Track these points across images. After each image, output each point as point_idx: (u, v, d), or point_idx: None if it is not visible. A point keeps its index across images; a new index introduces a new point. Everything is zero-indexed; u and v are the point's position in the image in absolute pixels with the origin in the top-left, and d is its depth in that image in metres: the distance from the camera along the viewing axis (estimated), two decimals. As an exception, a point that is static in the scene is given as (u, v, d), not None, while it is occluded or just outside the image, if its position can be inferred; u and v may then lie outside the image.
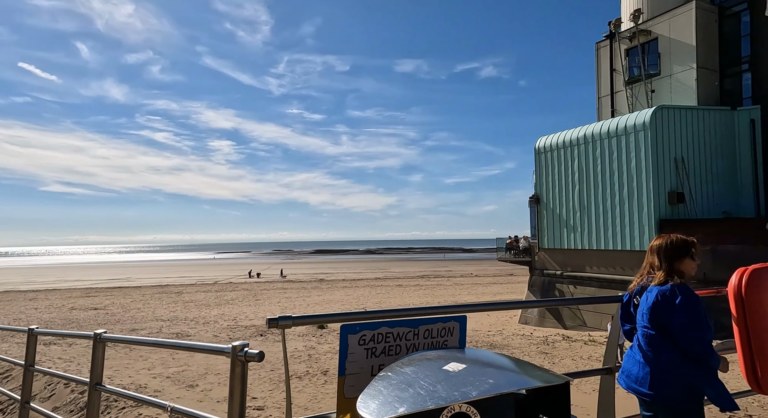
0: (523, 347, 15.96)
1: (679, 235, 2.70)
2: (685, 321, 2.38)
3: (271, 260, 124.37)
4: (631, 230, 19.05)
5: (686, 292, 2.46)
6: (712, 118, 19.79)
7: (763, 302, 2.70)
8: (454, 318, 2.42)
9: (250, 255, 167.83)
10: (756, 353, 2.66)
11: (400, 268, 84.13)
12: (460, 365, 1.61)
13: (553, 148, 22.79)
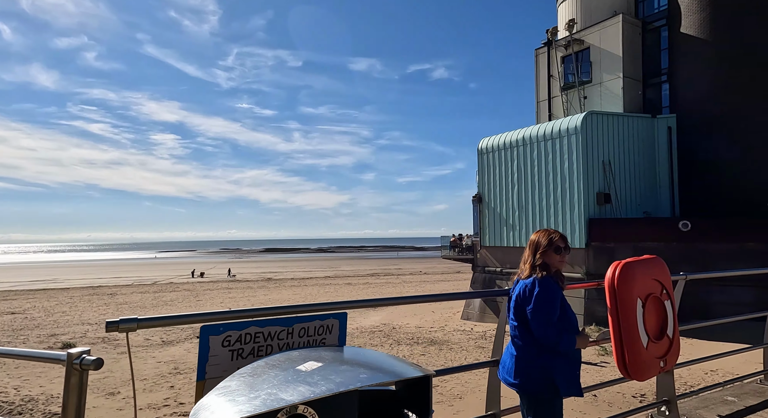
0: (462, 342, 16.47)
1: (547, 229, 2.78)
2: (535, 311, 2.48)
3: (218, 259, 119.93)
4: (563, 228, 20.12)
5: (543, 284, 2.52)
6: (635, 125, 21.32)
7: (632, 293, 2.87)
8: (333, 316, 2.37)
9: (195, 254, 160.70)
10: (625, 342, 2.85)
11: (350, 266, 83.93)
12: (317, 363, 1.58)
13: (494, 149, 23.60)
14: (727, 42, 20.20)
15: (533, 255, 2.65)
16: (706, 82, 20.78)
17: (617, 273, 2.90)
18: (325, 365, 1.57)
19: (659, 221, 19.15)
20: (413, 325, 20.45)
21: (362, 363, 1.76)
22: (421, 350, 14.77)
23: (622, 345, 2.87)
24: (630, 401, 9.64)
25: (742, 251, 17.57)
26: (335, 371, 1.55)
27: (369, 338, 16.86)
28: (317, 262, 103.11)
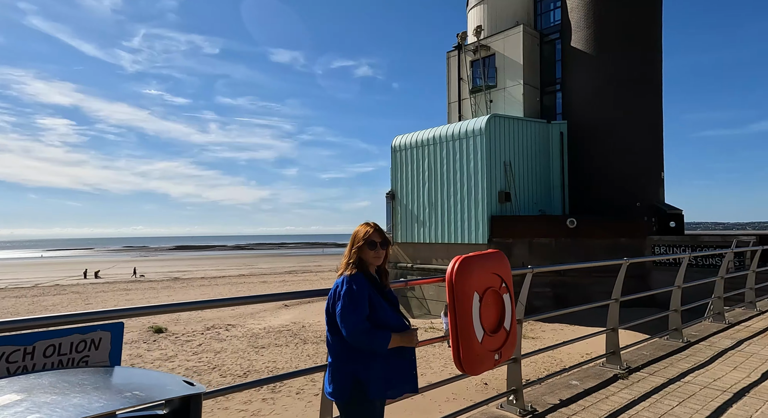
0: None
1: (367, 223, 2.57)
2: (342, 311, 2.32)
3: (119, 258, 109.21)
4: (468, 225, 21.16)
5: (351, 281, 2.37)
6: (532, 129, 23.03)
7: (468, 287, 2.88)
8: (102, 327, 1.97)
9: (92, 252, 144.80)
10: (460, 336, 2.87)
11: (268, 264, 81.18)
12: (19, 396, 1.27)
13: (407, 147, 24.08)
14: (605, 59, 22.55)
15: (349, 250, 2.49)
16: (588, 94, 23.07)
17: (455, 268, 2.91)
18: (25, 399, 1.27)
19: (551, 219, 20.89)
20: (315, 321, 20.20)
21: (108, 386, 1.50)
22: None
23: (458, 340, 2.90)
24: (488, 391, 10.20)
25: (617, 245, 19.79)
26: (36, 405, 1.26)
27: (275, 338, 16.31)
28: (233, 260, 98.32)
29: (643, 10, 22.70)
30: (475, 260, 3.02)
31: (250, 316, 23.98)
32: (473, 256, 3.05)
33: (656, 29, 23.40)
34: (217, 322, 20.60)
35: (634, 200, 21.57)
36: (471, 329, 2.89)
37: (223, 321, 20.85)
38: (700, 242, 18.16)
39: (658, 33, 23.46)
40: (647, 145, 22.44)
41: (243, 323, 20.41)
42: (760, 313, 7.84)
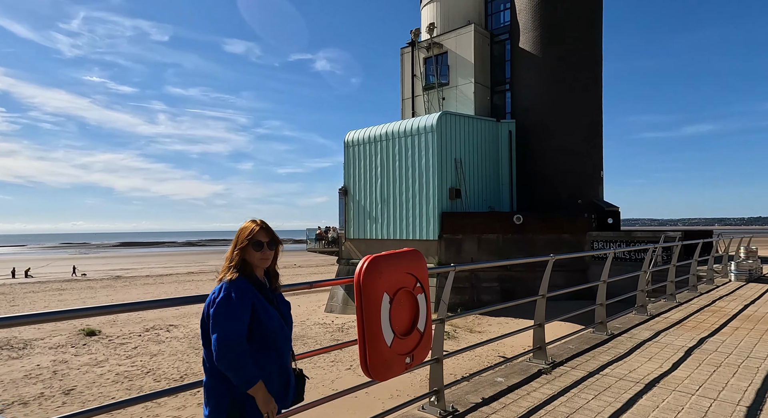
0: (319, 336, 16.33)
1: (253, 220, 2.27)
2: (212, 325, 2.04)
3: (55, 255, 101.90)
4: (420, 221, 21.31)
5: (229, 288, 2.08)
6: (483, 127, 23.49)
7: (376, 288, 2.70)
8: None
9: (24, 250, 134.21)
10: (368, 340, 2.69)
11: (221, 260, 78.31)
12: None
13: (360, 142, 23.88)
14: (550, 60, 23.37)
15: (231, 252, 2.18)
16: (534, 94, 23.85)
17: (363, 268, 2.72)
18: None
19: (498, 215, 21.43)
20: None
21: None
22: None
23: (365, 344, 2.76)
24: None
25: (560, 241, 20.61)
26: None
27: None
28: (183, 256, 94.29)
29: (585, 15, 23.66)
30: (386, 260, 2.88)
31: (195, 315, 23.00)
32: (384, 255, 2.92)
33: (597, 35, 24.49)
34: (159, 322, 19.59)
35: (576, 198, 22.56)
36: (379, 333, 2.75)
37: (165, 322, 19.85)
38: (634, 237, 19.25)
39: (599, 38, 24.55)
40: (588, 144, 23.50)
41: (187, 323, 19.52)
42: (679, 304, 8.34)
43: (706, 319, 7.11)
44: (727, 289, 10.36)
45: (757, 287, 10.83)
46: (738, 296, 9.39)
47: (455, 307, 19.60)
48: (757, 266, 12.54)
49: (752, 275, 11.98)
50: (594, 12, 24.06)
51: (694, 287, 9.76)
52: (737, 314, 7.43)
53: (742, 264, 12.05)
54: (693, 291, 9.67)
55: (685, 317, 7.27)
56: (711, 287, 10.55)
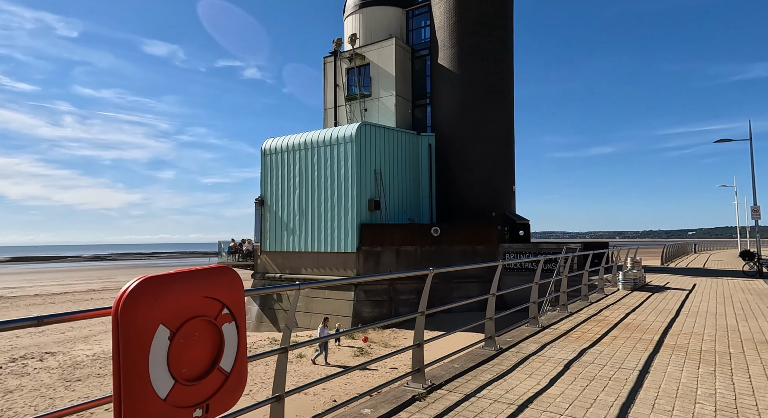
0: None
1: None
2: None
3: None
4: (338, 233, 20.80)
5: None
6: (403, 139, 23.69)
7: (146, 320, 2.06)
8: None
9: None
10: (123, 392, 2.00)
11: (130, 276, 71.72)
12: None
13: (278, 151, 22.95)
14: (465, 77, 24.30)
15: None
16: (451, 108, 24.63)
17: (126, 293, 2.02)
18: None
19: (416, 227, 21.58)
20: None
21: None
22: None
23: (120, 400, 2.01)
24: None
25: (474, 252, 21.18)
26: None
27: (100, 366, 13.72)
28: (88, 272, 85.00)
29: (498, 36, 24.93)
30: (168, 281, 2.15)
31: (82, 340, 20.37)
32: (166, 275, 2.17)
33: (509, 54, 25.92)
34: (33, 350, 16.98)
35: (490, 210, 23.44)
36: (144, 381, 2.04)
37: (41, 348, 17.26)
38: (541, 249, 20.30)
39: (510, 57, 26.00)
40: (500, 159, 24.62)
41: (68, 349, 17.13)
42: (569, 314, 8.62)
43: (591, 328, 7.34)
44: (615, 297, 11.03)
45: (640, 295, 11.67)
46: (622, 304, 9.97)
47: (373, 320, 19.24)
48: (641, 275, 13.60)
49: (636, 284, 12.95)
50: (506, 32, 25.43)
51: (586, 296, 10.24)
52: (618, 323, 7.78)
53: (628, 274, 12.99)
54: (584, 301, 10.12)
55: (572, 327, 7.44)
56: (601, 296, 11.17)
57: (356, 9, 27.34)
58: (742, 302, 10.67)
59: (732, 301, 10.79)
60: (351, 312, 19.44)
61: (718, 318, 8.42)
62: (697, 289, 13.25)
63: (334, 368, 13.59)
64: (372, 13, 26.71)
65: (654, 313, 8.87)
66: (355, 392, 11.33)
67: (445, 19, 24.65)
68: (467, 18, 24.15)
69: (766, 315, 8.79)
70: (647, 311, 9.03)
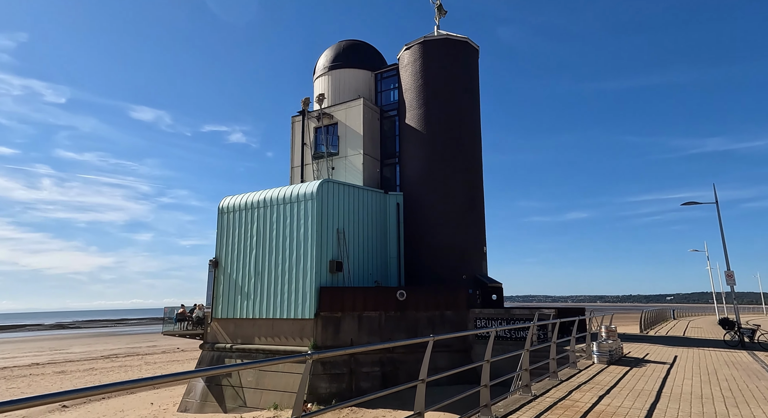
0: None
1: None
2: None
3: None
4: (296, 297, 19.15)
5: None
6: (369, 198, 22.93)
7: None
8: None
9: None
10: None
11: (86, 347, 66.17)
12: None
13: (236, 209, 21.79)
14: (431, 138, 24.27)
15: None
16: (418, 168, 24.28)
17: None
18: None
19: (380, 291, 20.12)
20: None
21: None
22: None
23: None
24: None
25: (442, 318, 19.65)
26: None
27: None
28: (41, 342, 78.20)
29: (464, 98, 25.35)
30: None
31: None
32: None
33: (476, 118, 26.26)
34: None
35: (460, 273, 22.26)
36: None
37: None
38: (513, 315, 18.96)
39: (477, 121, 26.31)
40: (469, 220, 23.92)
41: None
42: (561, 382, 7.44)
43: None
44: (588, 374, 9.66)
45: (617, 370, 10.33)
46: (596, 383, 8.61)
47: (330, 397, 17.07)
48: (617, 346, 12.33)
49: (612, 357, 11.64)
50: (473, 96, 25.92)
51: (555, 373, 8.86)
52: (589, 411, 6.41)
53: (603, 345, 11.70)
54: (553, 379, 8.73)
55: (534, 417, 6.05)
56: (573, 372, 9.79)
57: (325, 71, 27.82)
58: (728, 379, 9.43)
59: (717, 378, 9.54)
60: (305, 388, 17.26)
61: (705, 403, 7.13)
62: (678, 362, 11.99)
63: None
64: (341, 75, 27.17)
65: (631, 396, 7.53)
66: None
67: (412, 81, 25.11)
68: (434, 80, 24.64)
69: (758, 398, 7.55)
70: (623, 393, 7.69)
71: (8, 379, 34.94)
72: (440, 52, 25.03)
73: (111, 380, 32.46)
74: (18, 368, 42.09)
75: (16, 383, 31.94)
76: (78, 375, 35.46)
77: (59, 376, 35.60)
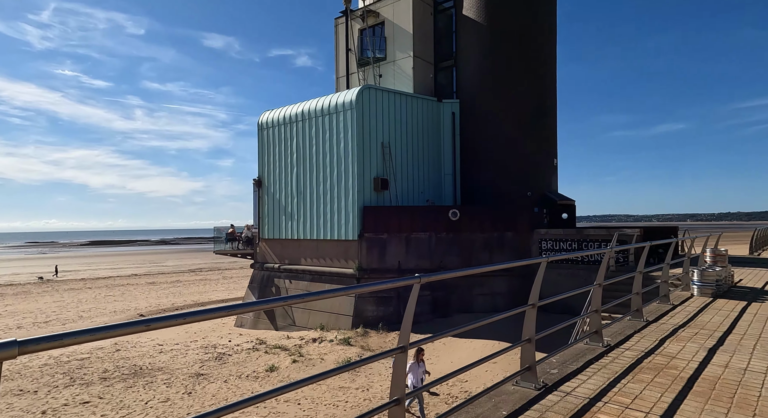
0: (182, 368, 12.69)
1: None
2: None
3: (10, 255, 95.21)
4: (338, 217, 17.86)
5: None
6: (419, 107, 20.11)
7: None
8: None
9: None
10: None
11: (179, 261, 74.14)
12: None
13: (275, 124, 20.26)
14: (495, 32, 20.06)
15: None
16: (478, 70, 20.57)
17: None
18: None
19: (430, 211, 18.14)
20: (153, 342, 15.98)
21: None
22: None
23: None
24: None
25: (502, 240, 17.44)
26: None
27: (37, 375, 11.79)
28: (143, 256, 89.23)
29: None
30: None
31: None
32: None
33: (549, 7, 21.32)
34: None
35: (525, 189, 19.41)
36: None
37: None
38: (585, 235, 16.18)
39: (551, 13, 21.39)
40: (539, 127, 20.38)
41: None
42: (646, 323, 5.52)
43: (641, 392, 3.80)
44: (686, 311, 7.18)
45: (728, 306, 7.70)
46: (700, 326, 6.18)
47: (376, 321, 16.24)
48: (727, 275, 9.49)
49: (720, 288, 8.90)
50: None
51: (639, 312, 6.52)
52: (695, 378, 4.15)
53: (708, 273, 8.94)
54: (636, 318, 6.43)
55: (601, 389, 3.93)
56: (665, 309, 7.37)
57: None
58: None
59: None
60: (352, 311, 16.54)
61: None
62: (818, 297, 8.95)
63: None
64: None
65: (762, 349, 5.09)
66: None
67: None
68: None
69: None
70: (747, 345, 5.25)
71: (109, 287, 39.66)
72: None
73: (190, 291, 35.45)
74: (119, 278, 47.77)
75: (113, 292, 36.01)
76: (164, 286, 39.21)
77: (149, 286, 39.67)
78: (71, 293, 35.98)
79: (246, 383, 10.74)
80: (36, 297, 33.16)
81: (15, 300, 31.58)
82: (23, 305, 29.38)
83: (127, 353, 13.89)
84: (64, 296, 33.63)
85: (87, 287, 40.05)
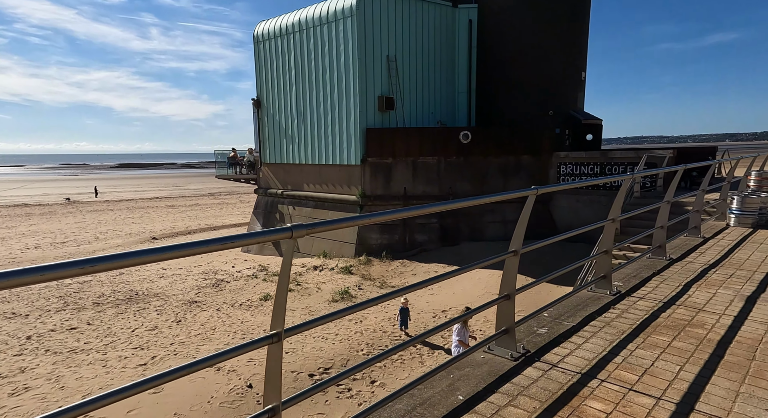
0: (179, 294, 12.59)
1: None
2: None
3: (40, 177, 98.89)
4: (340, 140, 16.64)
5: None
6: (431, 13, 17.67)
7: None
8: None
9: (22, 171, 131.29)
10: None
11: (201, 185, 75.44)
12: None
13: (272, 35, 18.34)
14: None
15: None
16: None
17: None
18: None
19: (439, 132, 16.64)
20: (157, 266, 16.01)
21: None
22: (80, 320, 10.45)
23: None
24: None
25: (518, 165, 16.06)
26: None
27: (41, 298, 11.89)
28: (167, 179, 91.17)
29: None
30: None
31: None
32: None
33: None
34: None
35: (548, 108, 17.48)
36: None
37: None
38: (610, 158, 14.62)
39: None
40: (567, 38, 17.81)
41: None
42: (670, 262, 4.56)
43: (654, 364, 2.86)
44: (719, 248, 6.04)
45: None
46: (735, 265, 5.08)
47: (380, 250, 15.71)
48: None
49: (763, 217, 7.62)
50: None
51: (660, 249, 5.43)
52: (727, 342, 3.17)
53: (750, 200, 7.61)
54: (658, 257, 5.36)
55: (603, 356, 3.01)
56: (693, 244, 6.24)
57: None
58: None
59: None
60: (355, 239, 15.99)
61: None
62: None
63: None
64: None
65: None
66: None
67: None
68: None
69: None
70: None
71: (130, 209, 40.68)
72: None
73: (206, 215, 35.97)
74: (141, 200, 48.92)
75: (132, 214, 36.87)
76: (182, 209, 39.89)
77: (168, 209, 40.45)
78: (93, 214, 37.02)
79: (238, 312, 10.52)
80: (60, 217, 34.25)
81: (40, 220, 32.67)
82: (46, 225, 30.34)
83: (128, 277, 13.93)
84: (86, 217, 34.64)
85: (109, 208, 41.16)
